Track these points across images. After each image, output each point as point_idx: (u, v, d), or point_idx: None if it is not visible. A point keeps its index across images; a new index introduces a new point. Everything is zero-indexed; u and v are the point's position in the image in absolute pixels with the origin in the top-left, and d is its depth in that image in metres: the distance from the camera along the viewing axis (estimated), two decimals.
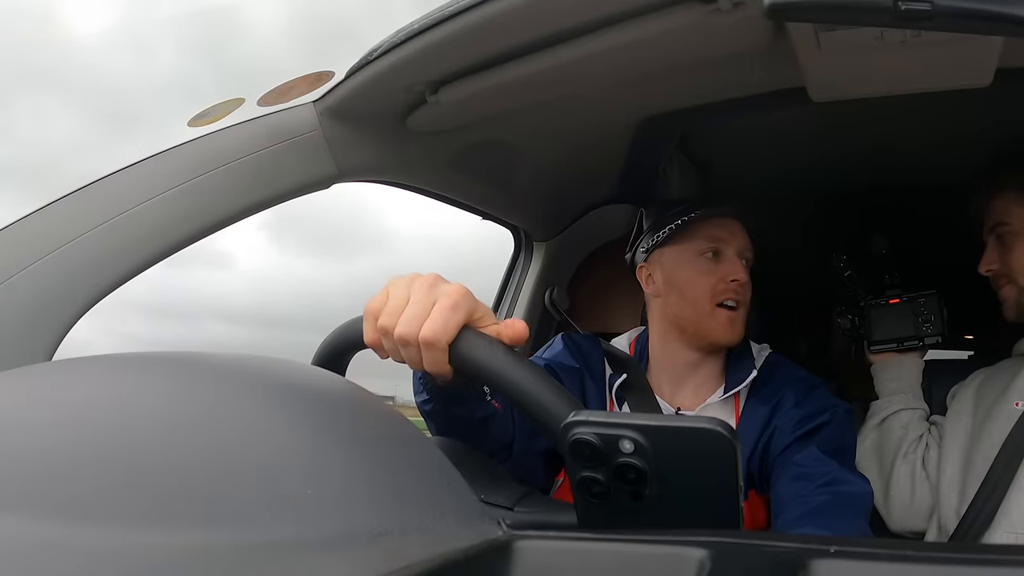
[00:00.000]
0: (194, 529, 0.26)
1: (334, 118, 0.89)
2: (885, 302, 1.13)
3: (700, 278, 0.98)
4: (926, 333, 1.09)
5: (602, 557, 0.32)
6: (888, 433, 1.05)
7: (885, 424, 1.06)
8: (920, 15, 0.42)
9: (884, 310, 1.12)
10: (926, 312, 1.09)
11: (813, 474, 0.87)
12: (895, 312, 1.12)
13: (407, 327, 0.53)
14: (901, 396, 1.07)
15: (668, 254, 1.03)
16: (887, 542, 0.77)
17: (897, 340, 1.10)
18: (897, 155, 1.20)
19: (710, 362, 1.02)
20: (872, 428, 1.07)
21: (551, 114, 1.02)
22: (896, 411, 1.05)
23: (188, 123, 0.86)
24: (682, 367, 1.02)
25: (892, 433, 1.04)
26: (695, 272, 0.99)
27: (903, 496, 1.00)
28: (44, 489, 0.26)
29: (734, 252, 0.98)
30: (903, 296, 1.12)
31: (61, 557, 0.23)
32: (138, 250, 0.77)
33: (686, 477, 0.38)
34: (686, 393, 1.01)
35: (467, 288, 0.54)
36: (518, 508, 0.53)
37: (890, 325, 1.11)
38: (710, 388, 1.01)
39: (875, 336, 1.12)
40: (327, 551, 0.28)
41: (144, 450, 0.29)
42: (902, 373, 1.09)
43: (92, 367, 0.38)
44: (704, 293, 0.97)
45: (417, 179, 1.11)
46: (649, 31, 0.73)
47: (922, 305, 1.09)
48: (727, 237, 0.99)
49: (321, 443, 0.34)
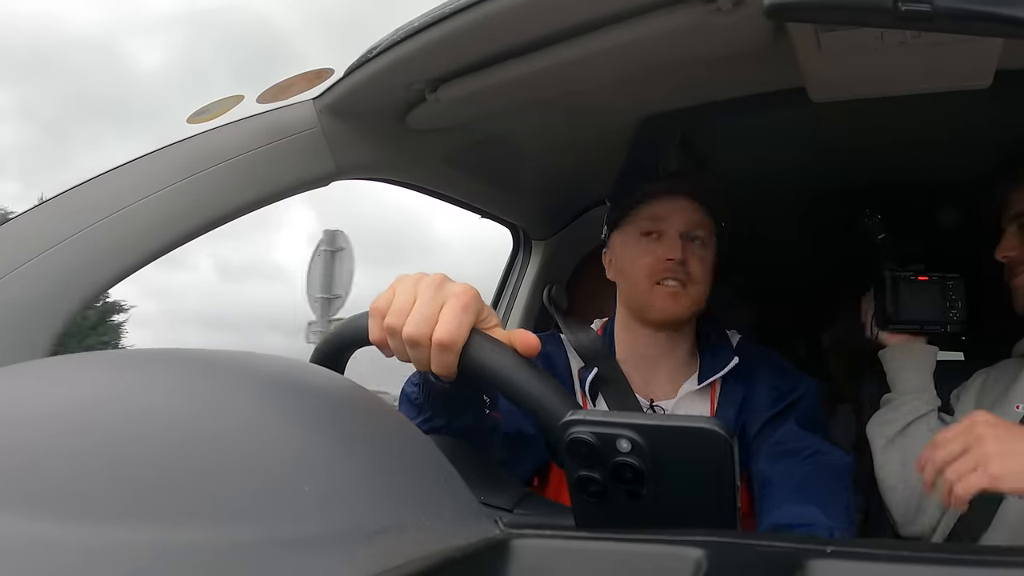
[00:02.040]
0: (190, 526, 0.26)
1: (333, 115, 0.89)
2: (914, 277, 0.99)
3: (639, 259, 0.98)
4: (950, 320, 0.98)
5: (599, 556, 0.32)
6: (914, 440, 0.96)
7: (911, 429, 0.98)
8: (920, 16, 0.42)
9: (914, 286, 0.98)
10: (954, 297, 0.97)
11: (797, 449, 0.88)
12: (924, 290, 0.98)
13: (417, 328, 0.52)
14: (927, 395, 0.98)
15: (618, 238, 1.03)
16: (884, 542, 0.78)
17: (921, 323, 0.98)
18: (897, 155, 1.20)
19: (677, 348, 1.01)
20: (896, 434, 0.98)
21: (550, 112, 1.02)
22: (925, 414, 0.98)
23: (187, 120, 0.85)
24: (648, 354, 1.01)
25: (921, 439, 0.95)
26: (635, 253, 0.99)
27: (934, 509, 0.93)
28: (40, 486, 0.25)
29: (675, 231, 0.96)
30: (932, 275, 0.98)
31: (57, 554, 0.23)
32: (136, 247, 0.76)
33: (683, 477, 0.38)
34: (658, 382, 1.00)
35: (475, 288, 0.54)
36: (518, 510, 0.53)
37: (918, 304, 0.98)
38: (682, 376, 1.00)
39: (902, 315, 0.98)
40: (324, 548, 0.28)
41: (140, 447, 0.29)
42: (923, 367, 0.99)
43: (89, 364, 0.38)
44: (642, 273, 0.97)
45: (416, 177, 1.10)
46: (649, 30, 0.73)
47: (951, 288, 0.97)
48: (666, 215, 0.97)
49: (318, 440, 0.34)
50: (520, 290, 1.46)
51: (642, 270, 0.98)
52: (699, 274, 0.97)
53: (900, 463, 0.97)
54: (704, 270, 0.98)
